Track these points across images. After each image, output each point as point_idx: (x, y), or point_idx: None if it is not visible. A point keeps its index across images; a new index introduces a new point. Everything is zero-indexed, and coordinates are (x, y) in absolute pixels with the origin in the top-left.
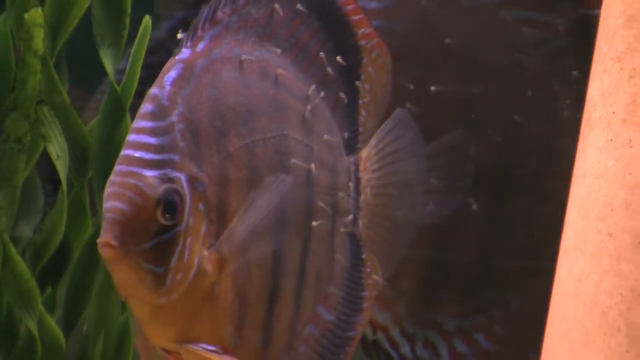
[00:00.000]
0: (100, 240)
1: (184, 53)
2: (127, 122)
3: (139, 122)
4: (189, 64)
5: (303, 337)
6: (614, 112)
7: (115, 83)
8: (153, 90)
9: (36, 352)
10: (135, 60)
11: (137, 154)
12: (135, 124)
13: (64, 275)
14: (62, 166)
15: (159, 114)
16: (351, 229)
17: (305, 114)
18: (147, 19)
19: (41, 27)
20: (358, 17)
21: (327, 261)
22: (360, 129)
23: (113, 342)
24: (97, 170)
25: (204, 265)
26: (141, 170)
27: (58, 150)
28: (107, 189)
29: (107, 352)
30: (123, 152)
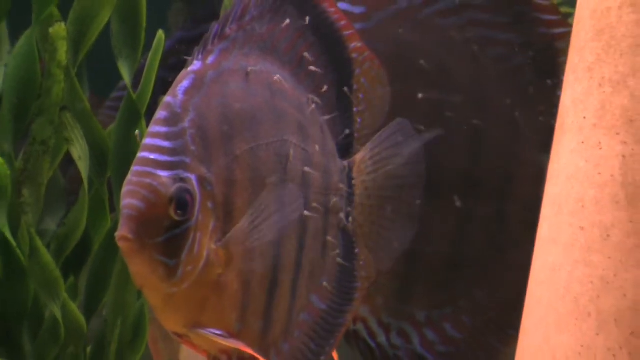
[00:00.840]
0: (117, 234)
1: (195, 65)
2: (143, 126)
3: (154, 127)
4: (200, 75)
5: (298, 323)
6: (584, 117)
7: (131, 91)
8: (167, 98)
9: (60, 335)
10: (150, 70)
11: (152, 156)
12: (150, 128)
13: (85, 266)
14: (83, 166)
15: (172, 120)
16: (344, 226)
17: (302, 121)
18: (160, 33)
19: (64, 40)
20: (349, 32)
21: (320, 255)
22: (356, 135)
23: (130, 326)
24: (115, 170)
25: (212, 258)
26: (156, 171)
27: (80, 152)
28: (124, 188)
29: (125, 336)
30: (139, 154)
